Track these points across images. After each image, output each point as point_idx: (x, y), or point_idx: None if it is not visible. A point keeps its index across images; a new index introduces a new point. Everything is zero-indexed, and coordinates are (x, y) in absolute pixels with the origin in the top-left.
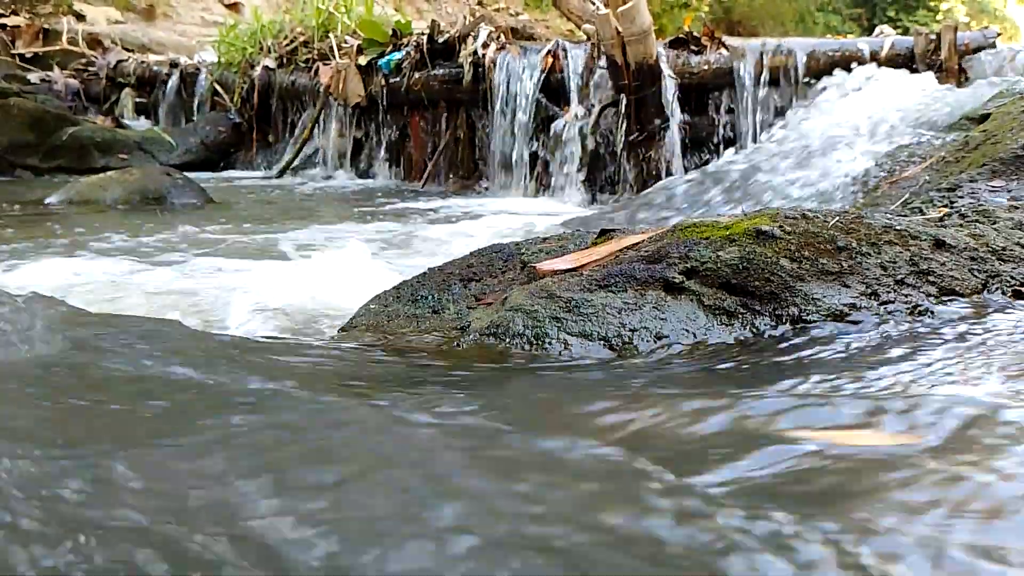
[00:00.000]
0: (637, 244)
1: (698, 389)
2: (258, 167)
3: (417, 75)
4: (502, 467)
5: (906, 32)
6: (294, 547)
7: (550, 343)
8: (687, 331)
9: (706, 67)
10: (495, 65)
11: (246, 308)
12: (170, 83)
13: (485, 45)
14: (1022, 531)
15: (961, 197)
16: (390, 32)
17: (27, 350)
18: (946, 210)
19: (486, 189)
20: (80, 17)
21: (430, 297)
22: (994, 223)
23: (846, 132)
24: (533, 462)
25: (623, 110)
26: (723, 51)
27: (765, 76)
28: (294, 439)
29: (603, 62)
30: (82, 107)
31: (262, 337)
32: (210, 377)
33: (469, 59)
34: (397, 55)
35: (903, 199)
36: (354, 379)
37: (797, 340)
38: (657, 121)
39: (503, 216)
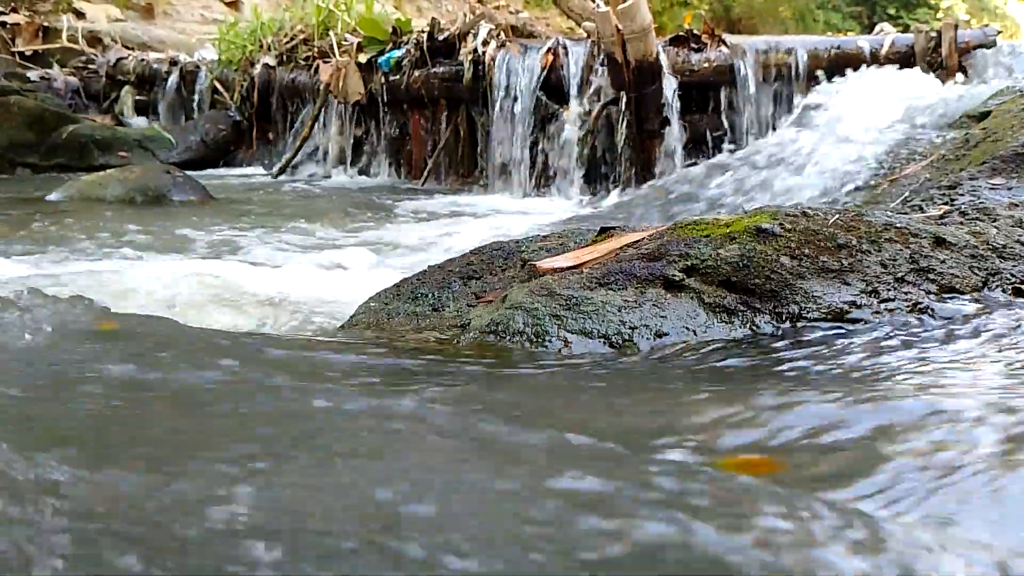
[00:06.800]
0: (637, 242)
1: (697, 385)
2: (258, 165)
3: (417, 73)
4: (498, 460)
5: (906, 30)
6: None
7: (550, 341)
8: (687, 328)
9: (706, 65)
10: (495, 63)
11: (246, 306)
12: (170, 81)
13: (485, 43)
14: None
15: (961, 195)
16: (390, 30)
17: (34, 348)
18: (946, 208)
19: (486, 187)
20: (80, 15)
21: (430, 295)
22: (994, 221)
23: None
24: (528, 455)
25: (623, 108)
26: (723, 49)
27: (765, 74)
28: (292, 434)
29: (603, 60)
30: (82, 105)
31: (262, 334)
32: (209, 374)
33: (469, 57)
34: (397, 53)
35: (903, 197)
36: (353, 376)
37: (797, 338)
38: (657, 119)
39: (503, 214)
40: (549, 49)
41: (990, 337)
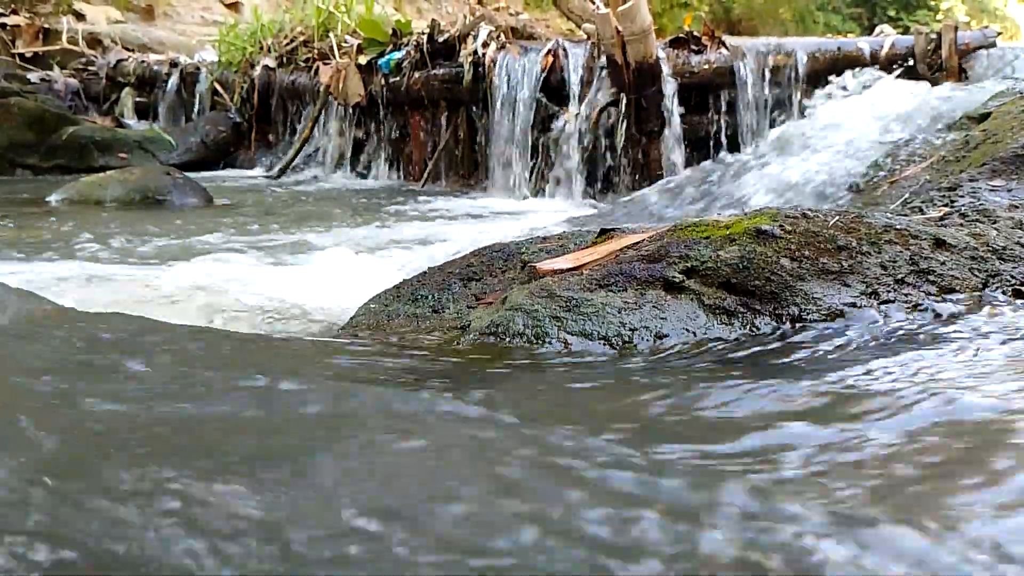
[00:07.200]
0: (637, 243)
1: (697, 387)
2: (258, 167)
3: (417, 75)
4: (498, 460)
5: (906, 31)
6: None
7: (550, 342)
8: (687, 330)
9: (706, 67)
10: (495, 64)
11: (246, 307)
12: (170, 82)
13: (485, 44)
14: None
15: (961, 196)
16: (390, 31)
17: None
18: (946, 209)
19: (486, 189)
20: (80, 16)
21: (430, 296)
22: (994, 222)
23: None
24: (528, 454)
25: (623, 109)
26: (723, 51)
27: (765, 76)
28: (291, 434)
29: (603, 61)
30: (82, 106)
31: (262, 336)
32: (208, 375)
33: (469, 59)
34: (397, 54)
35: (903, 198)
36: (353, 377)
37: (797, 339)
38: (657, 120)
39: (503, 216)
40: (549, 51)
41: (990, 339)
